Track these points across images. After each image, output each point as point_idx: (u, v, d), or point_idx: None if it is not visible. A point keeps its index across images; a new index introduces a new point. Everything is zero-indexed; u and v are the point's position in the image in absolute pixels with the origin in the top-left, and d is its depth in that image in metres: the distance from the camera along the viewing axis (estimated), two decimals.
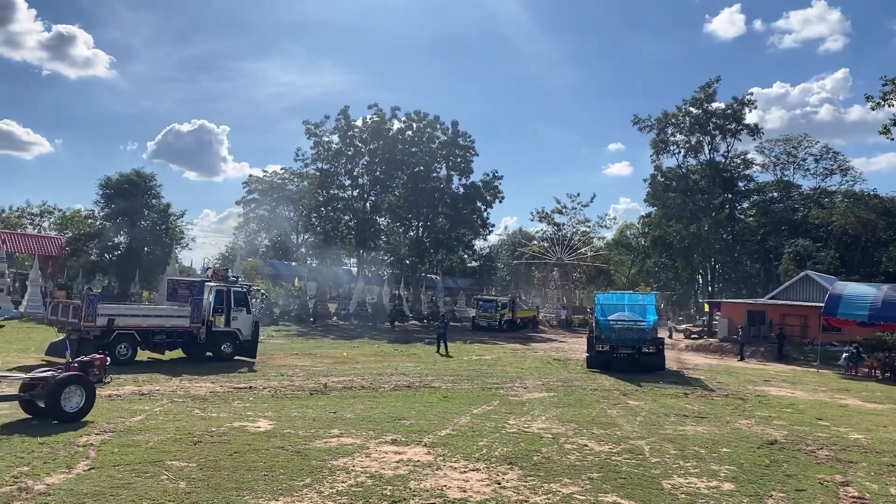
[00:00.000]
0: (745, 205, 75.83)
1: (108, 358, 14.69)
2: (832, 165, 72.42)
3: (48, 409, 12.21)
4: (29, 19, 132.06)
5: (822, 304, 30.86)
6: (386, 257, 71.13)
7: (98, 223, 57.06)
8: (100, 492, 8.20)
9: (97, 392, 12.96)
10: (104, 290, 48.10)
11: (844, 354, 29.83)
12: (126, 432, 11.50)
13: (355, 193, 63.45)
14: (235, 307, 24.15)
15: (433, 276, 71.02)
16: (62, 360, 15.95)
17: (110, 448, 10.37)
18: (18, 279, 47.04)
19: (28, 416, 12.32)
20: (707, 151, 69.93)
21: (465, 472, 9.89)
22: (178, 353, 23.10)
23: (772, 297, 45.50)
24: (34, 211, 77.39)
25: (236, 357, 23.60)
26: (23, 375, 13.02)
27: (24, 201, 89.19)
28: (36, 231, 70.05)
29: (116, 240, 56.75)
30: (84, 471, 9.11)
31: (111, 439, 10.93)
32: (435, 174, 62.90)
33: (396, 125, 61.36)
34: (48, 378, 12.39)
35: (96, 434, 11.20)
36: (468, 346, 35.14)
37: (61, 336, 22.08)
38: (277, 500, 8.18)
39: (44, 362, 18.43)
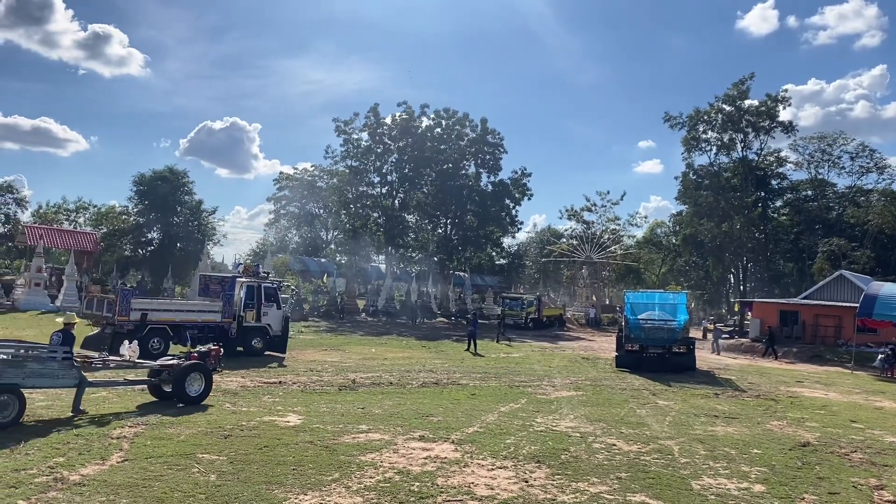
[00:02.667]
0: (779, 203, 74.80)
1: (222, 349, 16.36)
2: (868, 163, 70.99)
3: (174, 392, 13.68)
4: (66, 19, 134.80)
5: (857, 305, 30.32)
6: (414, 254, 71.30)
7: (132, 219, 58.06)
8: (133, 483, 8.35)
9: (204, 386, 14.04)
10: (138, 285, 48.88)
11: (880, 356, 29.27)
12: (158, 425, 11.69)
13: (384, 190, 63.71)
14: (266, 303, 24.42)
15: (461, 274, 70.98)
16: (96, 355, 16.40)
17: (143, 440, 10.54)
18: (55, 274, 47.99)
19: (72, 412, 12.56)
20: (740, 149, 69.29)
21: (492, 469, 9.90)
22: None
23: (805, 297, 44.81)
24: (70, 207, 78.96)
25: (266, 352, 23.85)
26: (153, 363, 14.52)
27: (61, 197, 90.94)
28: (72, 227, 71.43)
29: (150, 235, 57.76)
30: (118, 462, 9.28)
31: (144, 432, 11.12)
32: (463, 171, 62.87)
33: (425, 122, 61.49)
34: (174, 365, 13.97)
35: (129, 427, 11.39)
36: (495, 343, 35.11)
37: (96, 330, 22.52)
38: (306, 495, 8.26)
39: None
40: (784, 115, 68.14)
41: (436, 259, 64.54)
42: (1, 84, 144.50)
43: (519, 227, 68.00)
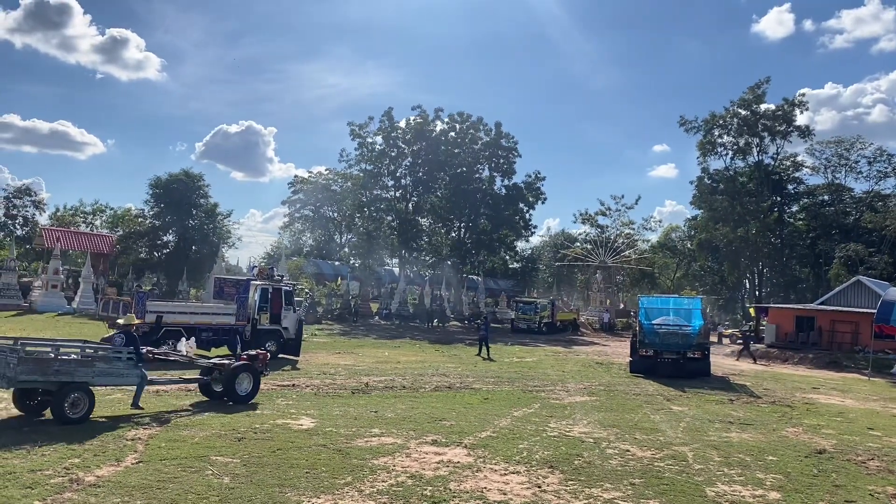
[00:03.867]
0: (795, 208, 74.33)
1: (269, 354, 16.86)
2: (886, 168, 70.42)
3: (225, 391, 14.31)
4: (83, 24, 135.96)
5: (875, 311, 30.00)
6: (428, 258, 71.35)
7: (148, 222, 58.46)
8: (147, 485, 8.40)
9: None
10: (153, 288, 49.16)
11: None
12: (173, 427, 11.75)
13: (398, 194, 63.84)
14: (284, 306, 24.52)
15: (474, 277, 70.97)
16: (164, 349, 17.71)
17: (157, 442, 10.60)
18: (72, 276, 48.38)
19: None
20: (756, 153, 69.00)
21: (505, 474, 9.87)
22: (223, 350, 23.49)
23: (821, 303, 44.42)
24: (87, 210, 79.67)
25: (280, 355, 23.92)
26: (207, 362, 15.36)
27: (78, 200, 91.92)
28: (88, 229, 72.03)
29: (165, 238, 58.11)
30: (132, 464, 9.34)
31: (158, 434, 11.18)
32: (477, 175, 62.94)
33: (439, 126, 61.65)
34: (225, 365, 14.65)
35: (144, 428, 11.47)
36: (508, 347, 35.04)
37: (112, 331, 22.66)
38: (319, 498, 8.27)
39: None
40: (801, 119, 67.81)
41: (449, 263, 64.57)
42: (20, 88, 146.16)
43: (533, 230, 68.05)
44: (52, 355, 12.06)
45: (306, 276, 59.90)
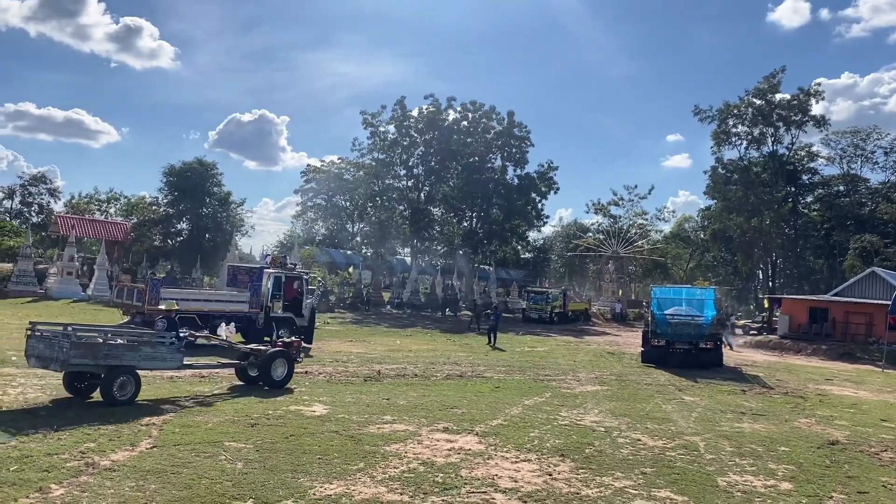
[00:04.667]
0: (809, 199, 73.78)
1: (302, 341, 17.47)
2: None
3: (261, 375, 14.87)
4: (98, 12, 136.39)
5: (889, 303, 29.77)
6: (439, 247, 71.36)
7: (162, 210, 58.83)
8: (161, 469, 8.49)
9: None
10: (167, 275, 49.50)
11: None
12: (186, 413, 11.86)
13: (410, 183, 63.78)
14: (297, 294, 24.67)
15: (486, 267, 70.93)
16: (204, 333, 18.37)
17: (171, 428, 10.70)
18: (86, 263, 48.74)
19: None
20: (770, 143, 68.40)
21: (516, 462, 9.91)
22: (236, 338, 23.61)
23: (835, 294, 44.13)
24: (102, 197, 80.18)
25: None
26: (245, 347, 15.98)
27: (93, 188, 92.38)
28: (103, 217, 72.49)
29: (179, 226, 58.46)
30: (147, 449, 9.43)
31: (172, 419, 11.28)
32: (490, 165, 62.76)
33: (452, 115, 61.44)
34: (262, 351, 15.25)
35: (158, 414, 11.57)
36: (520, 337, 35.07)
37: (126, 318, 22.87)
38: (331, 483, 8.33)
39: None
40: (816, 109, 67.16)
41: (461, 252, 64.55)
42: (35, 76, 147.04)
43: (545, 220, 67.89)
44: (101, 340, 12.54)
45: (318, 265, 60.10)
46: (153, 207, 60.91)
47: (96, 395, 12.45)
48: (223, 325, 17.06)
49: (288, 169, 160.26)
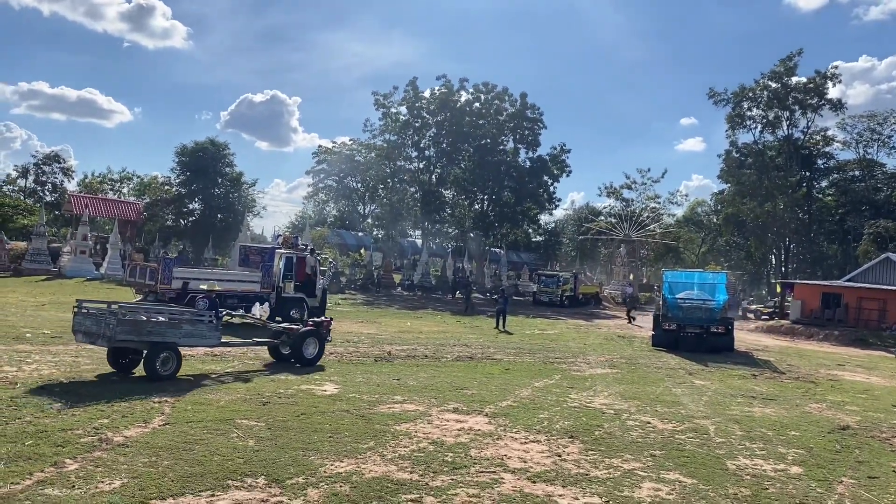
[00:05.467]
0: (824, 183, 73.16)
1: (332, 320, 17.86)
2: None
3: (293, 353, 15.34)
4: None
5: None
6: (451, 230, 71.31)
7: (174, 190, 58.98)
8: (174, 446, 8.57)
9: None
10: (179, 255, 49.74)
11: None
12: (199, 391, 11.95)
13: (421, 165, 63.70)
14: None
15: (497, 250, 70.87)
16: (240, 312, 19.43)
17: (184, 405, 10.79)
18: (99, 242, 49.06)
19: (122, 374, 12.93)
20: (785, 127, 67.76)
21: (525, 443, 9.94)
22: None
23: (848, 280, 43.83)
24: (114, 177, 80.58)
25: None
26: (278, 325, 16.38)
27: (106, 167, 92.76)
28: (116, 196, 72.86)
29: (191, 206, 58.61)
30: (159, 426, 9.53)
31: (185, 397, 11.37)
32: (501, 147, 62.52)
33: (464, 97, 61.16)
34: (294, 330, 15.76)
35: (171, 392, 11.66)
36: (530, 320, 35.08)
37: (139, 297, 23.03)
38: (342, 461, 8.39)
39: None
40: (833, 92, 66.35)
41: (472, 235, 64.48)
42: (48, 55, 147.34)
43: (556, 203, 67.68)
44: (145, 318, 12.98)
45: (330, 246, 60.23)
46: (165, 187, 61.09)
47: (138, 371, 13.00)
48: (257, 304, 17.63)
49: (299, 150, 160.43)
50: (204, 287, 20.61)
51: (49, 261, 41.57)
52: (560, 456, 9.34)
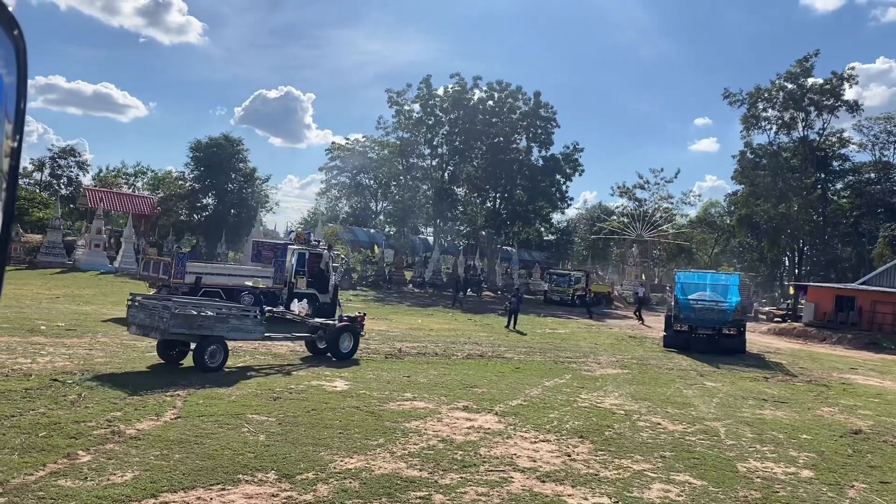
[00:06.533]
0: (839, 185, 72.51)
1: (365, 315, 18.53)
2: None
3: (329, 348, 15.99)
4: None
5: None
6: (462, 227, 71.32)
7: (188, 185, 59.30)
8: (185, 439, 8.63)
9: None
10: (193, 249, 50.02)
11: None
12: (210, 385, 12.02)
13: (434, 163, 63.71)
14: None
15: (508, 249, 70.83)
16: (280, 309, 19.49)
17: (195, 399, 10.86)
18: (114, 236, 49.42)
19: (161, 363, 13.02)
20: (801, 128, 67.21)
21: (535, 442, 9.94)
22: None
23: (863, 283, 43.49)
24: (129, 171, 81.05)
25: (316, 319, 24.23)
26: (315, 322, 16.77)
27: (120, 161, 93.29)
28: (130, 190, 73.32)
29: (205, 201, 58.93)
30: (171, 419, 9.59)
31: (196, 391, 11.44)
32: (514, 145, 62.45)
33: (478, 95, 61.12)
34: (330, 325, 16.35)
35: (182, 386, 11.74)
36: (541, 319, 35.04)
37: (152, 291, 23.17)
38: (351, 458, 8.42)
39: None
40: (849, 94, 65.75)
41: (484, 233, 64.47)
42: (64, 50, 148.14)
43: (569, 202, 67.54)
44: (196, 312, 13.57)
45: (342, 243, 60.39)
46: (179, 182, 61.43)
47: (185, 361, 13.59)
48: (296, 301, 18.23)
49: (313, 146, 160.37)
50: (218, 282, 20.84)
51: (64, 254, 41.93)
52: (570, 456, 9.34)
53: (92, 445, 8.10)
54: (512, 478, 8.19)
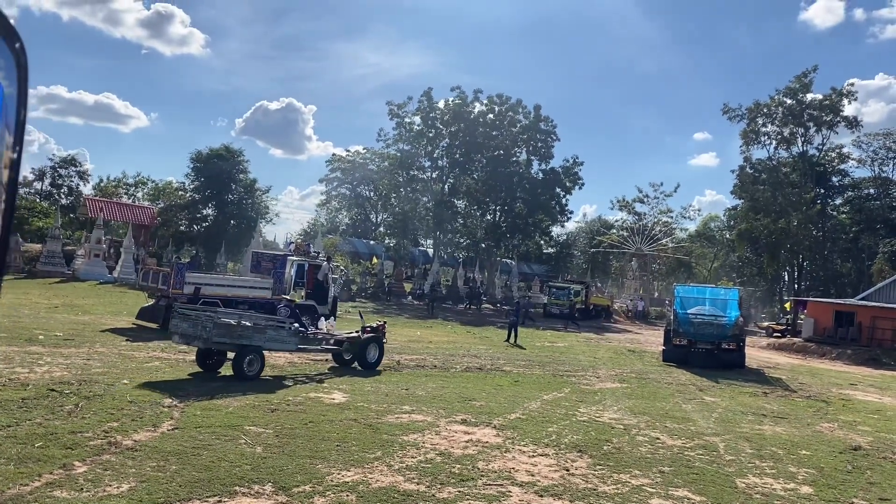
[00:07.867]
0: (839, 201, 72.63)
1: (385, 323, 19.13)
2: None
3: (356, 358, 16.74)
4: None
5: None
6: (462, 240, 71.36)
7: (188, 195, 59.34)
8: (182, 451, 8.59)
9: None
10: (192, 260, 49.97)
11: None
12: (208, 397, 11.98)
13: (434, 175, 63.82)
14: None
15: (508, 261, 70.85)
16: (153, 325, 19.68)
17: (193, 410, 10.82)
18: (113, 245, 49.38)
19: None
20: (800, 144, 67.37)
21: (533, 456, 9.90)
22: None
23: (862, 298, 43.47)
24: (129, 181, 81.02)
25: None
26: (341, 334, 17.28)
27: (121, 172, 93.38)
28: (131, 200, 73.32)
29: (205, 212, 58.95)
30: (168, 430, 9.55)
31: (194, 402, 11.40)
32: (514, 158, 62.58)
33: (478, 108, 61.33)
34: (356, 337, 16.97)
35: (180, 397, 11.70)
36: (540, 332, 34.99)
37: (151, 301, 23.14)
38: (349, 471, 8.38)
39: (134, 326, 19.73)
40: (848, 110, 65.95)
41: (483, 245, 64.50)
42: (66, 60, 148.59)
43: (568, 216, 67.64)
44: (236, 322, 14.00)
45: (341, 254, 60.40)
46: (180, 192, 61.50)
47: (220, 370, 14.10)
48: (323, 319, 18.88)
49: (313, 158, 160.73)
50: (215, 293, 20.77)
51: (63, 263, 41.85)
52: (568, 470, 9.30)
53: (88, 456, 8.05)
54: (510, 492, 8.15)
